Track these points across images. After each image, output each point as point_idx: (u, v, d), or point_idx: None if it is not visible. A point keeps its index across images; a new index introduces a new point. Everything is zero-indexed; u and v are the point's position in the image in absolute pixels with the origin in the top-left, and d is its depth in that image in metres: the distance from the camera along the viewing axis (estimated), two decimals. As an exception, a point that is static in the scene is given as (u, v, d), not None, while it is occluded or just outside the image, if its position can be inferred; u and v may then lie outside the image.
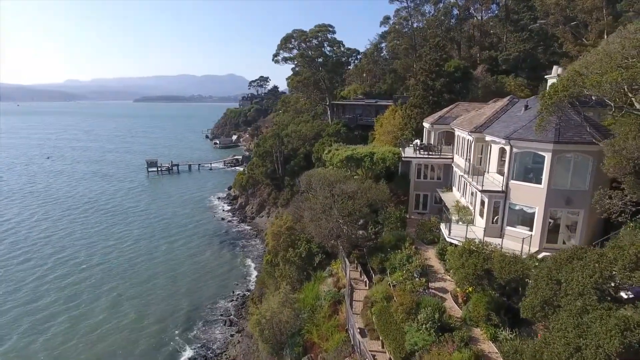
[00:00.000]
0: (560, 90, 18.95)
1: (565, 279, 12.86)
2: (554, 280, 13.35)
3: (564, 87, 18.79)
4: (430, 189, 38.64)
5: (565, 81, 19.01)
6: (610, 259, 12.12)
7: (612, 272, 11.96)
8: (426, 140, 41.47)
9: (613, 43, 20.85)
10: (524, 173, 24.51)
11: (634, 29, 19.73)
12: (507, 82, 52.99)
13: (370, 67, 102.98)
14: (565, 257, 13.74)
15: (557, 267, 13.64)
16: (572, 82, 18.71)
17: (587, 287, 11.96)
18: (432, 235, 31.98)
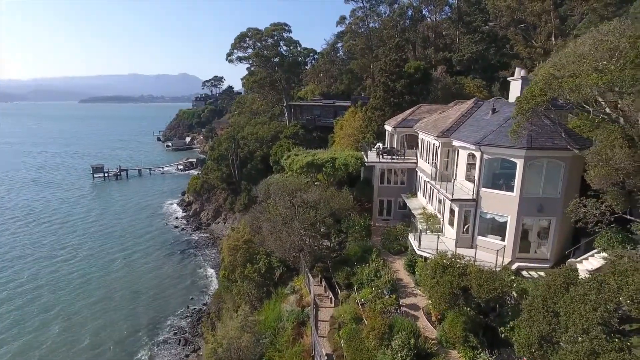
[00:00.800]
0: (538, 95, 17.77)
1: (564, 311, 11.41)
2: (550, 312, 11.89)
3: (542, 91, 17.61)
4: (394, 194, 37.25)
5: (542, 85, 17.85)
6: (614, 288, 10.77)
7: (617, 303, 10.60)
8: (389, 144, 40.10)
9: (584, 44, 20.02)
10: (495, 180, 23.38)
11: (606, 30, 18.93)
12: (465, 83, 52.94)
13: (327, 68, 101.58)
14: (559, 284, 12.30)
15: (552, 295, 12.20)
16: (548, 85, 17.56)
17: (592, 322, 10.53)
18: (398, 244, 30.46)
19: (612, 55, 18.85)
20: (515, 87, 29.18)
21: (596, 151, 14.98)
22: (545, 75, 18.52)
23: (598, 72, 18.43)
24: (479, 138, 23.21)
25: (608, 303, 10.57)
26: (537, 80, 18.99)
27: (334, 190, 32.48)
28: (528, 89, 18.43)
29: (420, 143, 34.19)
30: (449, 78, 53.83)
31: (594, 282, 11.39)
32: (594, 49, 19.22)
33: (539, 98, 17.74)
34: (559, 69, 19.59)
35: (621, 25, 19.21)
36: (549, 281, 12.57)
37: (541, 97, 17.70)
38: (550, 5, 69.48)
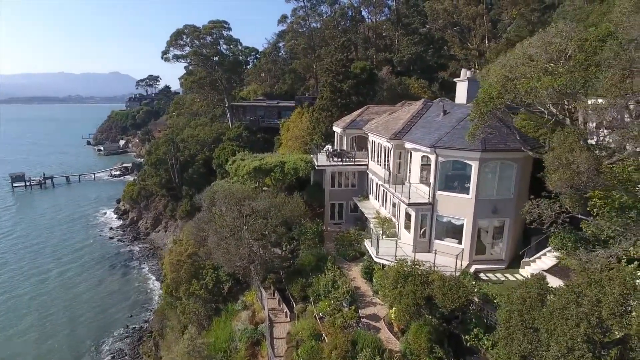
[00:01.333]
0: (495, 97, 17.45)
1: (545, 327, 10.84)
2: (530, 329, 11.31)
3: (499, 93, 17.32)
4: (345, 197, 36.39)
5: (499, 87, 17.58)
6: (593, 300, 10.34)
7: (599, 317, 10.16)
8: (338, 146, 39.18)
9: (532, 46, 20.14)
10: (450, 183, 23.09)
11: (555, 32, 19.12)
12: (410, 83, 53.53)
13: (270, 67, 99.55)
14: (535, 296, 11.76)
15: (529, 308, 11.63)
16: (503, 87, 17.31)
17: (576, 340, 10.02)
18: (353, 250, 29.54)
19: (560, 58, 19.08)
20: (462, 88, 29.36)
21: (556, 155, 14.83)
22: (500, 77, 18.32)
23: (548, 74, 18.53)
24: (433, 140, 22.78)
25: (590, 317, 10.12)
26: (492, 82, 18.77)
27: (284, 196, 30.91)
28: (484, 91, 18.14)
29: (371, 145, 33.57)
30: (394, 79, 54.16)
31: (571, 294, 10.94)
32: (543, 51, 19.35)
33: (496, 100, 17.47)
34: (510, 71, 19.53)
35: (567, 27, 19.52)
36: (524, 294, 12.05)
37: (499, 99, 17.44)
38: (484, 9, 72.65)
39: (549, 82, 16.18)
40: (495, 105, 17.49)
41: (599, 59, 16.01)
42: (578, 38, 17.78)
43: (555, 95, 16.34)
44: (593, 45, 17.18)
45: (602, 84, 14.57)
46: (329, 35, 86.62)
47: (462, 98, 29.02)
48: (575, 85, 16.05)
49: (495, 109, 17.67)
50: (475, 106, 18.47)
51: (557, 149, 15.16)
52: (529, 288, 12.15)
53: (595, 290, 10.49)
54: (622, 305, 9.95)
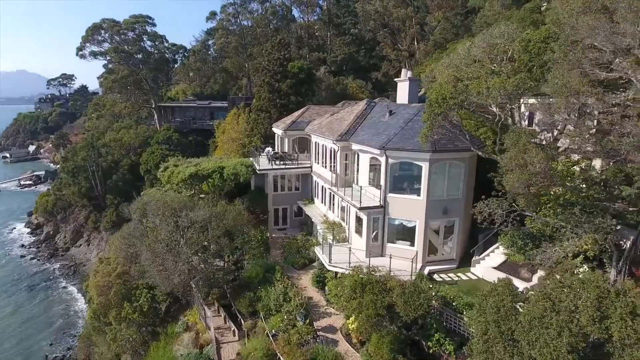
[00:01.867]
0: (449, 98, 17.11)
1: (525, 338, 10.39)
2: (509, 341, 10.83)
3: (452, 94, 17.01)
4: (289, 201, 35.02)
5: (452, 88, 17.28)
6: (570, 307, 10.08)
7: (579, 325, 9.88)
8: (279, 148, 37.68)
9: (476, 46, 20.27)
10: (401, 185, 22.68)
11: (498, 33, 19.32)
12: (348, 84, 53.37)
13: (199, 66, 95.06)
14: (508, 304, 11.33)
15: (504, 318, 11.16)
16: (455, 88, 17.06)
17: (561, 351, 9.65)
18: (302, 257, 28.28)
19: (503, 59, 19.33)
20: (403, 88, 29.28)
21: (512, 156, 14.76)
22: (450, 78, 18.08)
23: (495, 75, 18.65)
24: (382, 142, 22.20)
25: (569, 325, 9.82)
26: (441, 82, 18.50)
27: (225, 204, 28.73)
28: (436, 92, 17.79)
29: (314, 146, 32.52)
30: (332, 78, 53.69)
31: (547, 301, 10.63)
32: (487, 52, 19.49)
33: (450, 101, 17.17)
34: (457, 71, 19.45)
35: (508, 28, 19.85)
36: (497, 302, 11.61)
37: (452, 100, 17.15)
38: (412, 11, 74.94)
39: (500, 83, 16.15)
40: (449, 106, 17.20)
41: (547, 59, 16.28)
42: (522, 39, 18.06)
43: (506, 96, 16.36)
44: (537, 47, 17.53)
45: (552, 84, 14.70)
46: (261, 33, 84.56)
47: (404, 98, 28.93)
48: (524, 86, 16.18)
49: (448, 110, 17.40)
50: (428, 107, 18.08)
51: (511, 149, 15.13)
52: (501, 296, 11.73)
53: (570, 296, 10.29)
54: (599, 310, 9.78)
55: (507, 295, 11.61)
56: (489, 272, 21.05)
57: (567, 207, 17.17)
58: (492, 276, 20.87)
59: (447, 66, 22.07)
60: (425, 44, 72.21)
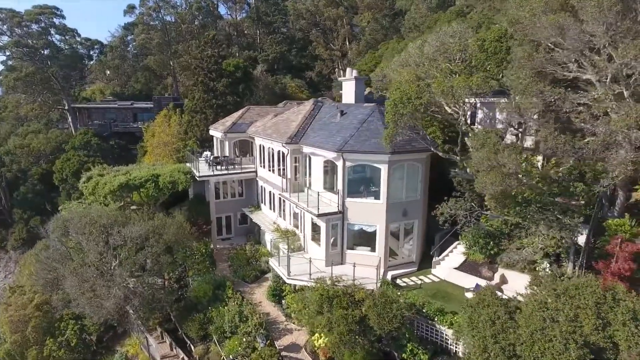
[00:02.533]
0: (414, 98, 16.42)
1: (531, 354, 9.82)
2: (512, 356, 10.21)
3: (418, 94, 16.34)
4: (233, 209, 32.77)
5: (415, 87, 16.62)
6: (570, 316, 9.68)
7: (582, 334, 9.51)
8: (219, 152, 35.15)
9: (430, 45, 19.95)
10: (359, 188, 21.79)
11: (452, 31, 19.13)
12: (287, 83, 51.77)
13: (117, 63, 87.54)
14: (503, 316, 10.74)
15: (502, 330, 10.55)
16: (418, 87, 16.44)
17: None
18: (253, 269, 26.38)
19: (457, 57, 19.20)
20: (349, 87, 28.54)
21: (484, 157, 14.43)
22: (411, 77, 17.47)
23: (453, 74, 18.41)
24: (338, 144, 21.11)
25: (573, 336, 9.42)
26: (404, 81, 17.82)
27: (164, 216, 25.83)
28: (401, 91, 17.03)
29: (260, 150, 30.63)
30: (270, 77, 51.74)
31: (544, 310, 10.19)
32: (443, 50, 19.24)
33: (415, 101, 16.51)
34: (418, 70, 18.95)
35: (459, 27, 19.77)
36: (491, 315, 10.99)
37: (417, 100, 16.50)
38: (343, 11, 75.21)
39: (464, 82, 15.80)
40: (414, 106, 16.54)
41: (506, 58, 16.27)
42: (477, 38, 17.98)
43: (471, 94, 16.08)
44: (492, 45, 17.52)
45: (517, 84, 14.60)
46: (187, 30, 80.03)
47: (350, 97, 28.19)
48: (486, 85, 16.02)
49: (415, 110, 16.75)
50: (392, 107, 17.29)
51: (481, 150, 14.81)
52: (493, 307, 11.16)
53: (568, 305, 9.95)
54: (599, 317, 9.51)
55: (499, 306, 11.06)
56: (451, 273, 20.94)
57: (524, 205, 17.39)
58: (454, 277, 20.84)
59: (401, 65, 21.62)
60: (357, 44, 72.93)
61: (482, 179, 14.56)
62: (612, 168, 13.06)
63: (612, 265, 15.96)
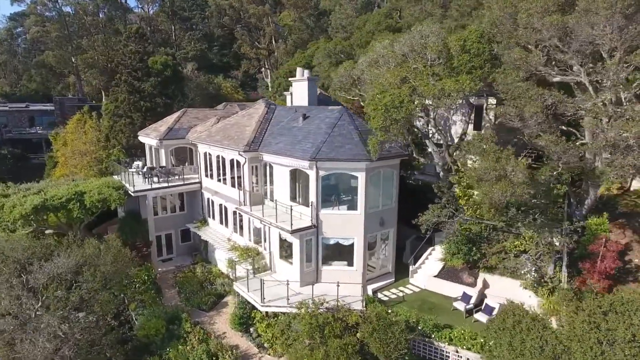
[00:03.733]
0: (407, 102, 15.08)
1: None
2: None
3: (410, 97, 15.03)
4: (173, 225, 29.09)
5: (409, 91, 15.31)
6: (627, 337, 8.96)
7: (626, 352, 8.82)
8: (152, 161, 31.05)
9: (404, 45, 18.89)
10: (333, 199, 20.06)
11: (429, 31, 18.23)
12: (221, 83, 48.00)
13: (5, 59, 75.70)
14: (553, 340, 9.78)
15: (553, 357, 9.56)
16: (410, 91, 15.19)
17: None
18: (208, 294, 23.29)
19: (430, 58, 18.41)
20: (301, 88, 26.88)
21: (492, 166, 13.58)
22: (395, 80, 16.17)
23: (435, 75, 17.53)
24: (311, 152, 19.14)
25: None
26: (389, 84, 16.43)
27: (96, 243, 21.54)
28: (391, 94, 15.58)
29: (205, 158, 27.42)
30: (202, 77, 47.52)
31: (595, 331, 9.38)
32: (419, 50, 18.30)
33: (409, 105, 15.19)
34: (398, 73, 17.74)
35: (433, 27, 19.01)
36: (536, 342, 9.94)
37: (409, 104, 15.20)
38: (269, 9, 72.77)
39: (455, 84, 14.89)
40: (408, 111, 15.24)
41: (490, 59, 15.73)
42: (458, 38, 17.27)
43: (463, 97, 15.23)
44: (475, 47, 16.94)
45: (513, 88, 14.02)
46: (92, 22, 71.69)
47: (303, 99, 26.48)
48: (476, 87, 15.30)
49: (409, 115, 15.45)
50: (384, 112, 15.76)
51: (484, 158, 14.00)
52: (536, 332, 10.18)
53: (623, 325, 9.29)
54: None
55: (543, 329, 10.14)
56: (431, 281, 20.18)
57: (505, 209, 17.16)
58: (435, 285, 20.13)
59: (370, 64, 20.34)
60: (285, 44, 71.08)
61: (487, 189, 13.73)
62: (617, 171, 13.04)
63: (599, 265, 16.30)
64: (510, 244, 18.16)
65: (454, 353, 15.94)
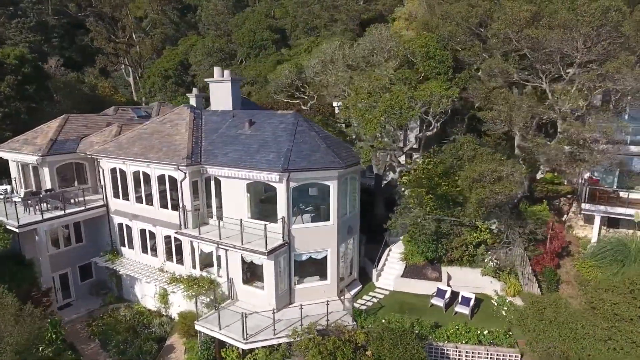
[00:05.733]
0: (406, 107, 14.59)
1: None
2: None
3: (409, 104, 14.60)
4: (70, 262, 23.33)
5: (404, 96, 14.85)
6: None
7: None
8: (25, 183, 24.30)
9: (364, 49, 18.53)
10: (303, 211, 18.56)
11: (387, 35, 18.18)
12: (96, 83, 39.92)
13: None
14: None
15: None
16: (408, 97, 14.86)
17: None
18: (146, 339, 19.26)
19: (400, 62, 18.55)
20: (223, 90, 24.38)
21: (492, 168, 14.13)
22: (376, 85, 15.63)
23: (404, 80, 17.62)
24: (281, 162, 17.25)
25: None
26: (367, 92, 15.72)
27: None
28: (389, 101, 14.83)
29: (113, 176, 22.57)
30: (70, 74, 38.70)
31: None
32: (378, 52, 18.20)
33: (408, 112, 14.70)
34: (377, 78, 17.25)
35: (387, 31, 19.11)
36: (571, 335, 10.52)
37: (410, 111, 14.74)
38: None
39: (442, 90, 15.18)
40: (408, 116, 14.78)
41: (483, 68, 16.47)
42: (421, 44, 17.64)
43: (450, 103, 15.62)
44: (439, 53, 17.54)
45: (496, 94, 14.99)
46: None
47: (224, 103, 24.08)
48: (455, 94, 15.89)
49: (409, 120, 14.99)
50: (379, 116, 14.93)
51: (486, 161, 14.56)
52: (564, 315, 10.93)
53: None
54: None
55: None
56: (399, 282, 20.40)
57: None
58: (403, 285, 20.48)
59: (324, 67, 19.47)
60: (151, 38, 63.95)
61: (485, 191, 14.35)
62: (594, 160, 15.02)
63: (548, 246, 18.78)
64: (470, 237, 19.53)
65: (453, 349, 16.41)
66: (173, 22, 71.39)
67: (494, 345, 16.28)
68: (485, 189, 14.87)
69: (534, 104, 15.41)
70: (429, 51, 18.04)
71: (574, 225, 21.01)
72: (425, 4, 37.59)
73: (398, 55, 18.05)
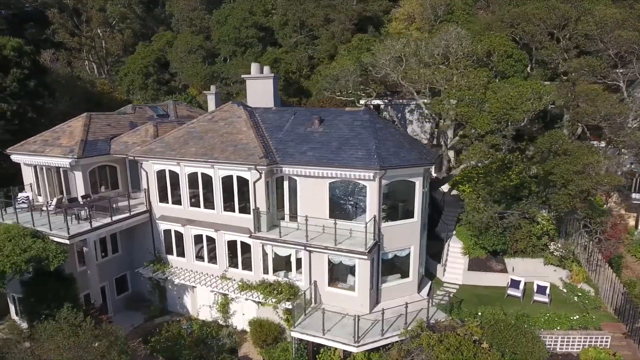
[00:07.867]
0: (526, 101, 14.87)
1: None
2: None
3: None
4: (108, 274, 21.42)
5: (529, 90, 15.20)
6: None
7: None
8: (54, 188, 21.79)
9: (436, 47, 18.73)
10: (392, 210, 18.38)
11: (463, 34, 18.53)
12: (93, 79, 36.24)
13: None
14: None
15: None
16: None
17: None
18: (219, 352, 18.01)
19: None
20: (263, 87, 23.60)
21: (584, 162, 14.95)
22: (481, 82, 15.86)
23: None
24: (375, 160, 16.87)
25: None
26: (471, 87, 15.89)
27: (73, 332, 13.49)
28: (503, 102, 14.98)
29: (160, 178, 20.86)
30: (67, 68, 34.84)
31: None
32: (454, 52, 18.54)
33: (526, 105, 15.01)
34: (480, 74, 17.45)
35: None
36: None
37: (528, 103, 15.07)
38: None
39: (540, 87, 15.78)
40: (529, 111, 15.12)
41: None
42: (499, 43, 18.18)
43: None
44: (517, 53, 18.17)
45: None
46: None
47: (265, 100, 23.26)
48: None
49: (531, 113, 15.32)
50: (496, 114, 15.05)
51: (585, 154, 15.33)
52: None
53: None
54: None
55: None
56: (467, 276, 20.87)
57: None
58: (472, 278, 20.97)
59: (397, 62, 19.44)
60: (121, 33, 59.86)
61: (587, 182, 15.17)
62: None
63: (610, 233, 20.12)
64: (534, 228, 20.43)
65: (549, 336, 16.99)
66: (139, 17, 67.25)
67: (584, 329, 17.17)
68: (587, 181, 15.69)
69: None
70: (506, 50, 18.68)
71: (614, 214, 22.74)
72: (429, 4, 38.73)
73: (476, 53, 18.48)
